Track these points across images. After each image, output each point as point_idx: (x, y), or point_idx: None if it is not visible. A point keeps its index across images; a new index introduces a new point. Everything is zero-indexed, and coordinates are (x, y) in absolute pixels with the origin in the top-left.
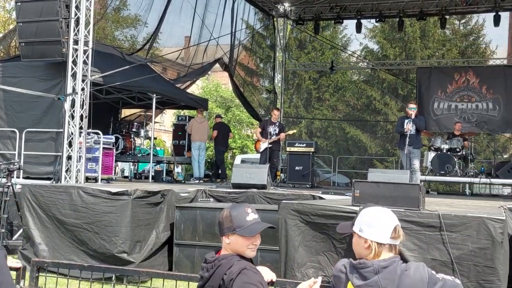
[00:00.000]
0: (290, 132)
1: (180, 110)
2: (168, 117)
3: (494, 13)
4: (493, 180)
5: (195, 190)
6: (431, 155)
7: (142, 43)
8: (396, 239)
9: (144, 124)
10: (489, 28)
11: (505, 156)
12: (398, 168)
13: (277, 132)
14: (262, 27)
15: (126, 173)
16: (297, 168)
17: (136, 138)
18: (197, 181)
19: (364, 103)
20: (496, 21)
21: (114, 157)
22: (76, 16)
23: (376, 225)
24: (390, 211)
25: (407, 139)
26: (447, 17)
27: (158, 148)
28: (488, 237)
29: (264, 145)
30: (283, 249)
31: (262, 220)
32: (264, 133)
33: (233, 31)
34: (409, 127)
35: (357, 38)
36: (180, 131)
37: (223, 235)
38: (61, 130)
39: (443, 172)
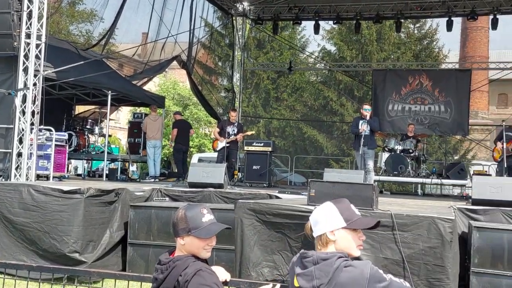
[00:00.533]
0: (249, 132)
1: (136, 108)
2: (124, 114)
3: (447, 18)
4: (444, 181)
5: (150, 189)
6: (385, 155)
7: (97, 38)
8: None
9: (99, 121)
10: (442, 32)
11: (455, 158)
12: (353, 168)
13: (235, 132)
14: (220, 26)
15: (80, 171)
16: (254, 167)
17: (90, 136)
18: (153, 180)
19: (321, 103)
20: (449, 26)
21: (67, 154)
22: (29, 9)
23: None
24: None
25: (362, 140)
26: (402, 21)
27: (113, 146)
28: (438, 236)
29: (221, 144)
30: (238, 249)
31: (218, 220)
32: (223, 133)
33: (192, 28)
34: (364, 128)
35: (315, 39)
36: (135, 128)
37: (177, 236)
38: (11, 126)
39: (396, 172)
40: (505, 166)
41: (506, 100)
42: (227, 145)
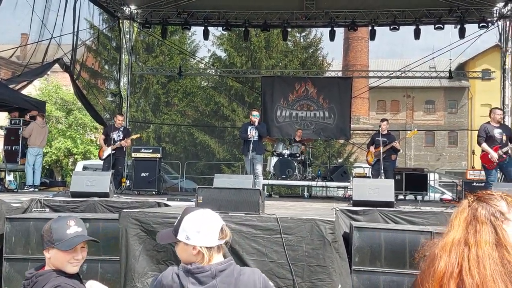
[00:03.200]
0: (134, 136)
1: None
2: None
3: (330, 28)
4: (328, 183)
5: (29, 200)
6: (274, 160)
7: None
8: (224, 238)
9: None
10: (326, 42)
11: (339, 161)
12: (244, 173)
13: (121, 137)
14: (106, 28)
15: None
16: (143, 174)
17: None
18: (32, 190)
19: (213, 109)
20: (332, 36)
21: None
22: None
23: (203, 230)
24: (213, 212)
25: (251, 145)
26: (289, 29)
27: None
28: (320, 238)
29: (107, 151)
30: (123, 259)
31: (101, 230)
32: (108, 139)
33: (75, 30)
34: (253, 134)
35: (205, 44)
36: (13, 135)
37: (44, 249)
38: None
39: (284, 176)
40: (382, 169)
41: (384, 106)
42: (113, 152)
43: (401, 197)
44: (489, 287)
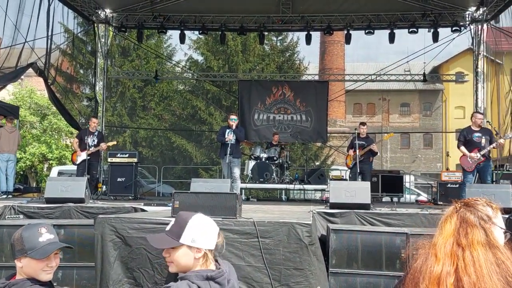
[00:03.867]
0: (110, 143)
1: None
2: None
3: (306, 32)
4: (306, 186)
5: (3, 207)
6: (251, 163)
7: None
8: (219, 242)
9: None
10: (302, 45)
11: (317, 163)
12: (222, 177)
13: (95, 142)
14: (81, 32)
15: None
16: (119, 179)
17: None
18: (5, 196)
19: (190, 112)
20: (308, 40)
21: None
22: None
23: (208, 233)
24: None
25: (228, 149)
26: (266, 33)
27: None
28: (297, 241)
29: (81, 156)
30: (98, 266)
31: (77, 237)
32: (82, 144)
33: (49, 34)
34: (230, 137)
35: (182, 48)
36: None
37: (15, 258)
38: None
39: (262, 179)
40: (358, 171)
41: (360, 109)
42: (88, 157)
43: (377, 199)
44: (486, 284)
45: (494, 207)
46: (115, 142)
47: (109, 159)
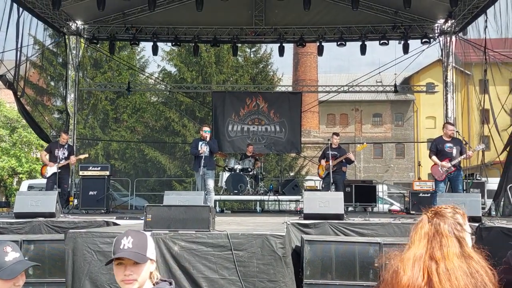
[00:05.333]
0: (82, 156)
1: None
2: None
3: (279, 44)
4: (280, 197)
5: None
6: (226, 175)
7: None
8: None
9: None
10: (276, 57)
11: (292, 174)
12: (196, 189)
13: (66, 155)
14: (52, 44)
15: None
16: (91, 193)
17: None
18: None
19: (163, 124)
20: (281, 52)
21: None
22: None
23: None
24: None
25: (202, 161)
26: (239, 45)
27: None
28: (271, 253)
29: (51, 169)
30: (69, 281)
31: (48, 252)
32: (52, 157)
33: (19, 46)
34: (204, 149)
35: (155, 60)
36: None
37: None
38: None
39: (236, 191)
40: (331, 181)
41: (334, 119)
42: (58, 170)
43: (351, 209)
44: None
45: (462, 214)
46: (86, 155)
47: (81, 172)
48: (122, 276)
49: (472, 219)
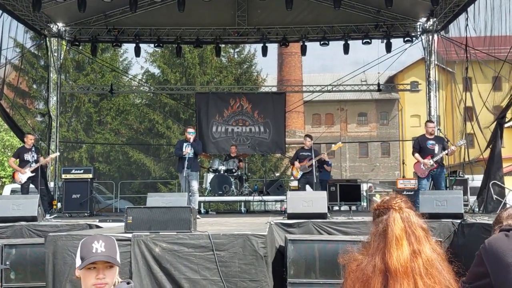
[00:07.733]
0: (53, 156)
1: None
2: None
3: (262, 44)
4: (265, 198)
5: None
6: (210, 176)
7: None
8: None
9: None
10: (260, 58)
11: (277, 174)
12: (180, 190)
13: (35, 157)
14: (33, 46)
15: None
16: (74, 196)
17: None
18: None
19: (147, 126)
20: (264, 52)
21: None
22: None
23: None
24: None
25: (186, 162)
26: (222, 45)
27: None
28: (253, 252)
29: (26, 174)
30: (49, 285)
31: (29, 256)
32: (22, 162)
33: None
34: (188, 151)
35: (138, 61)
36: None
37: None
38: None
39: (221, 192)
40: (315, 181)
41: (319, 119)
42: (33, 173)
43: (336, 208)
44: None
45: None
46: (58, 154)
47: (64, 176)
48: (94, 280)
49: (454, 215)
